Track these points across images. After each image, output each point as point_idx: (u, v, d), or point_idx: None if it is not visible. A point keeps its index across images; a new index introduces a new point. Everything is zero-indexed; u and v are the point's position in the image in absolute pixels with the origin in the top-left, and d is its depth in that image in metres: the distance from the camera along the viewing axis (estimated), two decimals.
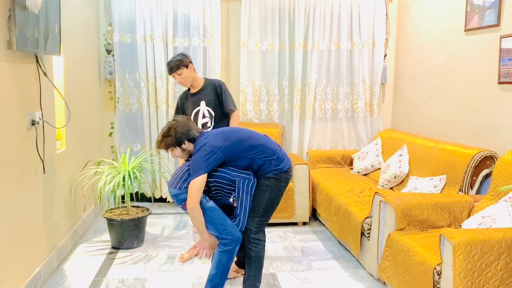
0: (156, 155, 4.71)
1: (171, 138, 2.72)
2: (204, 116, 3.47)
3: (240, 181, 2.72)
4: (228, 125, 3.50)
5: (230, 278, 3.14)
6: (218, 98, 3.49)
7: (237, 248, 2.75)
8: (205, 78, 3.60)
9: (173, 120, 2.83)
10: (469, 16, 3.71)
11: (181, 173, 2.76)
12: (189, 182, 2.63)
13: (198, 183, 2.58)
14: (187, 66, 3.43)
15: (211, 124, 3.49)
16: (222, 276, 2.76)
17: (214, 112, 3.49)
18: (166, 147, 2.75)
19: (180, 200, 2.73)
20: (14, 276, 2.60)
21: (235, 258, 3.16)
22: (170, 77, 4.64)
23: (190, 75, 3.47)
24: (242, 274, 3.08)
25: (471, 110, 3.73)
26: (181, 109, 3.60)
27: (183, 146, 2.73)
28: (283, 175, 2.80)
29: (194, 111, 3.50)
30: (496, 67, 3.39)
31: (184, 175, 2.73)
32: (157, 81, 4.67)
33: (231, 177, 2.71)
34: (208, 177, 2.64)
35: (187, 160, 2.82)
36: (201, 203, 2.65)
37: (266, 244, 2.82)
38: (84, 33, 4.14)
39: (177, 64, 3.40)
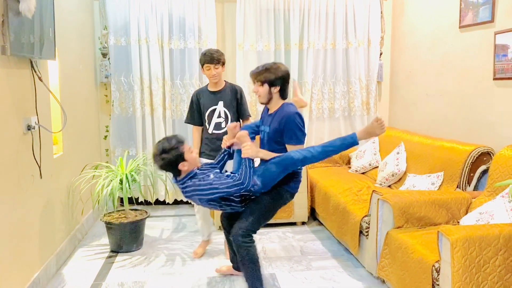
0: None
1: (272, 74, 2.72)
2: (219, 116, 3.43)
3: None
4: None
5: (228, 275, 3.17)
6: (237, 102, 3.48)
7: None
8: (226, 81, 3.54)
9: (279, 63, 2.82)
10: (463, 13, 3.72)
11: (244, 173, 2.60)
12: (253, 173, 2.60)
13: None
14: (224, 64, 3.43)
15: (225, 125, 3.44)
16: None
17: (230, 114, 3.45)
18: (260, 79, 2.74)
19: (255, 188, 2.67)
20: (13, 282, 2.59)
21: (230, 265, 3.21)
22: (166, 80, 4.66)
23: (222, 73, 3.44)
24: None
25: (467, 107, 3.74)
26: (196, 104, 3.49)
27: (272, 88, 2.74)
28: (290, 194, 2.83)
29: (210, 109, 3.44)
30: (491, 63, 3.40)
31: (250, 172, 2.59)
32: (152, 84, 4.66)
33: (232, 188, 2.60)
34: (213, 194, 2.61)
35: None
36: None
37: (266, 244, 2.80)
38: (79, 37, 4.13)
39: (219, 58, 3.35)
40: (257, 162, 2.77)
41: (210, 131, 3.46)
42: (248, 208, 2.76)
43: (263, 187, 2.66)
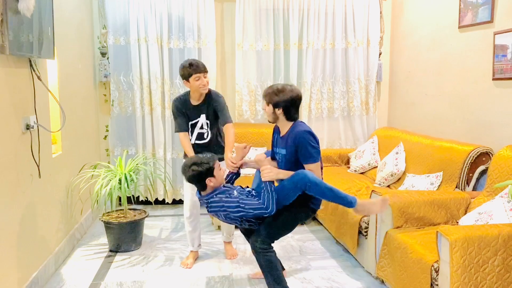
0: (152, 157, 4.71)
1: (277, 97, 2.76)
2: (201, 127, 3.37)
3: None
4: (219, 131, 3.44)
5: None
6: (215, 112, 3.37)
7: None
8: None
9: (291, 85, 2.85)
10: (463, 13, 3.72)
11: (267, 198, 2.61)
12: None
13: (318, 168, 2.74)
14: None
15: (207, 136, 3.38)
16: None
17: (211, 124, 3.38)
18: (266, 100, 2.81)
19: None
20: (12, 281, 2.59)
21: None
22: (165, 79, 4.65)
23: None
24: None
25: (466, 107, 3.74)
26: (182, 112, 3.37)
27: (276, 110, 2.77)
28: (312, 210, 2.85)
29: (193, 122, 3.37)
30: (490, 63, 3.40)
31: (272, 196, 2.61)
32: (151, 84, 4.66)
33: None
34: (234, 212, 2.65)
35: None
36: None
37: None
38: (78, 36, 4.13)
39: (205, 65, 3.29)
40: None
41: (192, 141, 3.36)
42: (271, 219, 2.71)
43: (276, 205, 2.64)
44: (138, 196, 4.37)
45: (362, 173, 4.56)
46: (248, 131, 4.75)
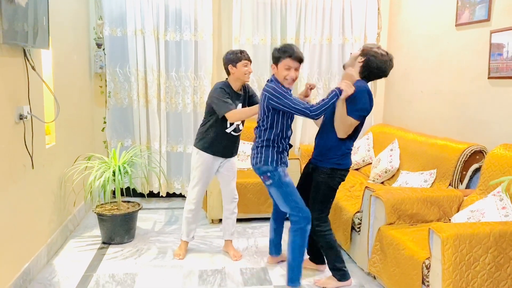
0: (147, 150, 4.69)
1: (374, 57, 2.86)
2: None
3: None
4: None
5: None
6: (248, 99, 3.42)
7: (309, 227, 2.86)
8: None
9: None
10: (460, 11, 3.72)
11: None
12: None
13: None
14: None
15: (241, 127, 3.39)
16: (299, 259, 2.88)
17: None
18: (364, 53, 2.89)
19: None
20: (3, 271, 2.58)
21: (307, 256, 3.24)
22: (161, 72, 4.63)
23: None
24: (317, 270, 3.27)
25: (461, 105, 3.74)
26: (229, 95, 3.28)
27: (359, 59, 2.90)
28: (343, 170, 2.93)
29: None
30: (486, 62, 3.40)
31: (326, 106, 2.77)
32: (147, 76, 4.64)
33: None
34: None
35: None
36: (279, 176, 2.85)
37: (258, 238, 2.92)
38: (74, 27, 4.09)
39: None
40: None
41: (228, 130, 3.30)
42: (311, 199, 2.96)
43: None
44: (133, 188, 4.36)
45: (356, 169, 4.57)
46: (245, 125, 4.72)
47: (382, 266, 2.85)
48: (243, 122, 3.40)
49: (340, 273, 2.99)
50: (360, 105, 2.76)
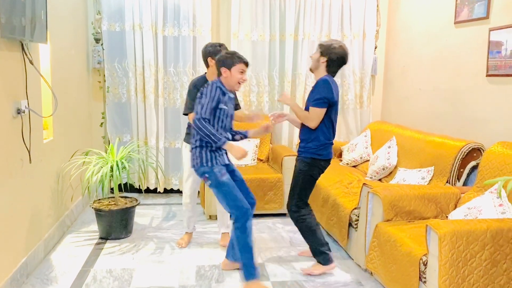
0: (144, 145, 4.69)
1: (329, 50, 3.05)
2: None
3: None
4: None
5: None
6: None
7: (249, 223, 2.88)
8: None
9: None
10: (459, 9, 3.72)
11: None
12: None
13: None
14: None
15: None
16: (245, 253, 2.88)
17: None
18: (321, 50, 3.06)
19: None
20: (0, 266, 2.57)
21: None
22: (159, 67, 4.62)
23: None
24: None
25: (459, 103, 3.75)
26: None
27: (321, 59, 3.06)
28: (323, 161, 3.07)
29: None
30: (484, 59, 3.41)
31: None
32: (145, 71, 4.62)
33: None
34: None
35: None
36: (215, 177, 2.88)
37: (255, 234, 2.87)
38: (72, 21, 4.07)
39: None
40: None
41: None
42: (291, 186, 3.14)
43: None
44: (131, 184, 4.36)
45: (354, 166, 4.58)
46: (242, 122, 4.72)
47: (379, 262, 2.85)
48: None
49: (323, 257, 3.12)
50: (318, 95, 2.95)
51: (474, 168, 3.31)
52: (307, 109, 3.06)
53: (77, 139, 4.19)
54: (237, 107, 3.51)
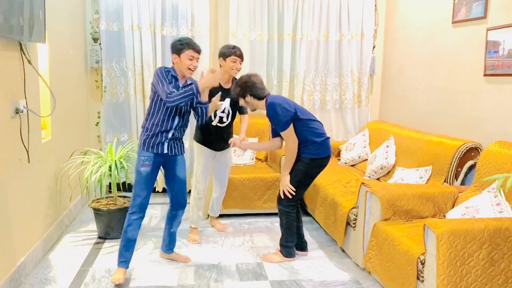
0: None
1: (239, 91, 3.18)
2: (223, 111, 3.50)
3: None
4: (233, 120, 3.64)
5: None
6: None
7: (132, 217, 3.00)
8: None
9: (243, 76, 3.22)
10: (457, 8, 3.73)
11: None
12: None
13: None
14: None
15: (226, 120, 3.54)
16: (121, 243, 3.01)
17: (232, 111, 3.55)
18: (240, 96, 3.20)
19: None
20: None
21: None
22: (158, 66, 4.61)
23: None
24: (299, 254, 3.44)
25: (457, 102, 3.76)
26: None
27: (247, 99, 3.19)
28: (319, 159, 3.19)
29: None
30: (482, 59, 3.42)
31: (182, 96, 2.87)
32: (144, 71, 4.62)
33: None
34: None
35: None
36: (138, 161, 2.97)
37: (254, 233, 3.14)
38: (70, 21, 4.07)
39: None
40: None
41: (214, 123, 3.52)
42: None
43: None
44: (129, 183, 4.35)
45: (352, 165, 4.59)
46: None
47: (377, 261, 2.86)
48: (228, 114, 3.55)
49: (288, 250, 3.33)
50: (278, 121, 3.11)
51: (472, 167, 3.32)
52: (274, 131, 3.30)
53: (76, 138, 4.19)
54: (243, 110, 3.61)
